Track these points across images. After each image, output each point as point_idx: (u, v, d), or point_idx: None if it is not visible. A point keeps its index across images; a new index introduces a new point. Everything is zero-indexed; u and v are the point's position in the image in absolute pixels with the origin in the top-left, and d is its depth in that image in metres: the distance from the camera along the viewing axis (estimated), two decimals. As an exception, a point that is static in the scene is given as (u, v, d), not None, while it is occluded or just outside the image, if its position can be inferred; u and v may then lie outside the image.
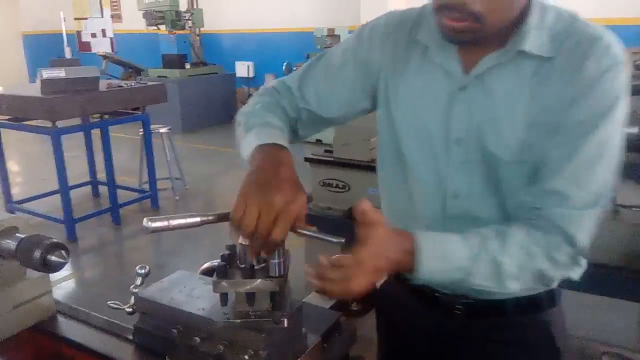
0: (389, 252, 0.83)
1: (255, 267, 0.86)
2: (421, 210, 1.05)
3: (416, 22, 1.04)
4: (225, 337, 0.86)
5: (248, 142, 0.96)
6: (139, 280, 1.04)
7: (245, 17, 10.10)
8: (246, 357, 0.83)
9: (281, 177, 0.85)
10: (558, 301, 1.08)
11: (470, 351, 1.07)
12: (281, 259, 0.85)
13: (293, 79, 1.13)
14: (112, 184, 4.57)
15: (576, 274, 0.92)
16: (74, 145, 5.57)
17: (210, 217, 0.83)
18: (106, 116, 4.80)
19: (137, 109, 4.79)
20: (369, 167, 2.60)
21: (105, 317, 1.24)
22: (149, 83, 4.97)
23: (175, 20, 8.35)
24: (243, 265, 0.86)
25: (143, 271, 1.04)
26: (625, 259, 2.16)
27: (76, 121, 4.82)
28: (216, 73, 9.13)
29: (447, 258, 0.85)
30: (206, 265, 1.34)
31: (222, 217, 0.83)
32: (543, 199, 0.89)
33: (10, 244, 1.04)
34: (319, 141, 7.55)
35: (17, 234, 1.07)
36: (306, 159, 2.91)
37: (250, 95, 7.01)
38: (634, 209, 2.24)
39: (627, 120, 0.91)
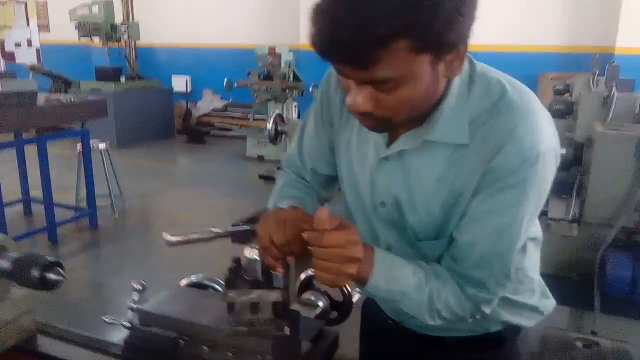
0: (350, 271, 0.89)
1: (260, 279, 0.94)
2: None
3: None
4: (232, 344, 0.93)
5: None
6: (135, 296, 1.08)
7: (181, 31, 10.04)
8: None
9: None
10: (509, 342, 1.13)
11: None
12: (284, 272, 0.94)
13: (294, 152, 1.22)
14: (49, 201, 4.40)
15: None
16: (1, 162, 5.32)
17: (222, 232, 0.90)
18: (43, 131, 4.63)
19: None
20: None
21: (88, 334, 1.26)
22: (90, 97, 4.85)
23: (111, 32, 8.16)
24: (249, 278, 0.94)
25: (139, 287, 1.09)
26: (556, 267, 2.40)
27: (6, 137, 4.62)
28: (153, 87, 8.97)
29: (395, 281, 0.94)
30: (184, 281, 1.40)
31: (234, 233, 0.90)
32: (452, 252, 0.97)
33: (3, 263, 1.05)
34: (260, 157, 7.64)
35: (9, 254, 1.08)
36: (260, 176, 2.98)
37: (188, 109, 7.03)
38: (562, 221, 2.50)
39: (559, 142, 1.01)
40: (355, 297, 1.36)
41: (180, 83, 9.88)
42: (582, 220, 2.34)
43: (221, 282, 1.33)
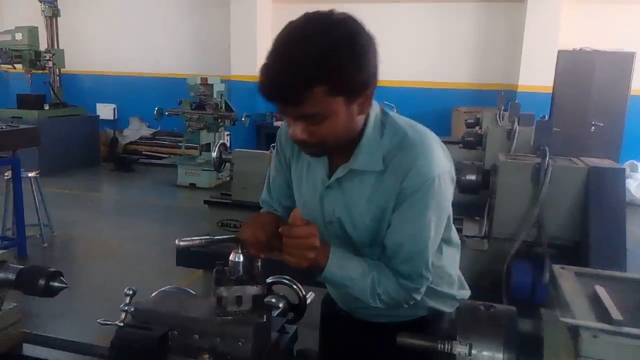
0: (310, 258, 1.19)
1: (242, 278, 1.17)
2: None
3: None
4: (219, 332, 1.14)
5: None
6: (127, 299, 1.26)
7: (107, 59, 9.98)
8: (239, 344, 1.12)
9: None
10: (434, 324, 1.41)
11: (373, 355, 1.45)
12: (261, 271, 1.17)
13: (265, 193, 1.54)
14: (-24, 231, 4.28)
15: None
16: None
17: (220, 239, 1.14)
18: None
19: None
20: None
21: (72, 340, 1.41)
22: (22, 126, 4.79)
23: (35, 59, 7.98)
24: (233, 277, 1.17)
25: (131, 292, 1.27)
26: (470, 278, 2.76)
27: None
28: (78, 115, 8.81)
29: (346, 269, 1.24)
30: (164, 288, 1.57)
31: (230, 240, 1.14)
32: (385, 251, 1.27)
33: (9, 275, 1.20)
34: (192, 185, 7.70)
35: (11, 265, 1.22)
36: (205, 202, 3.15)
37: (115, 137, 7.01)
38: (474, 238, 2.88)
39: (467, 170, 1.37)
40: (309, 300, 1.60)
41: (106, 111, 9.77)
42: (491, 236, 2.73)
43: (191, 291, 1.53)
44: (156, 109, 7.83)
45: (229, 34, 8.84)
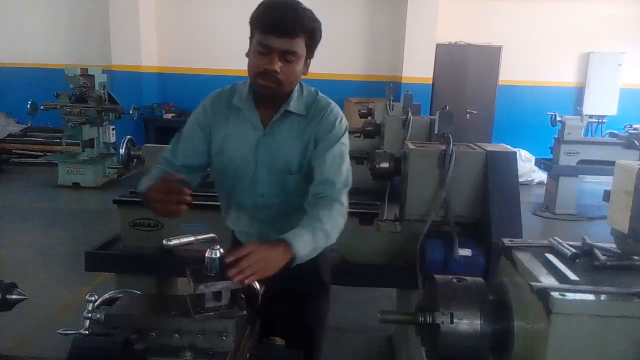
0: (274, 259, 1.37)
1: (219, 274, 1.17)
2: (245, 204, 1.79)
3: (231, 94, 1.77)
4: (200, 329, 1.15)
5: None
6: (90, 306, 1.21)
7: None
8: (223, 337, 1.14)
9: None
10: (322, 254, 1.68)
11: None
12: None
13: (169, 154, 1.81)
14: None
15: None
16: None
17: (202, 238, 1.14)
18: None
19: None
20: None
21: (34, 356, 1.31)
22: None
23: None
24: (211, 273, 1.17)
25: (93, 298, 1.22)
26: (386, 258, 2.95)
27: None
28: None
29: (305, 243, 1.47)
30: (107, 295, 1.51)
31: (208, 239, 1.14)
32: (320, 188, 1.64)
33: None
34: (76, 184, 7.16)
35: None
36: (114, 201, 2.99)
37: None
38: (387, 221, 3.07)
39: (380, 158, 1.63)
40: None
41: (-35, 106, 8.72)
42: (404, 218, 2.92)
43: (135, 291, 1.49)
44: (29, 102, 7.14)
45: (108, 19, 8.30)
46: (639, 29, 8.60)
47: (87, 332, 1.19)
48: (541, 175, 7.74)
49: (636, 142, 5.92)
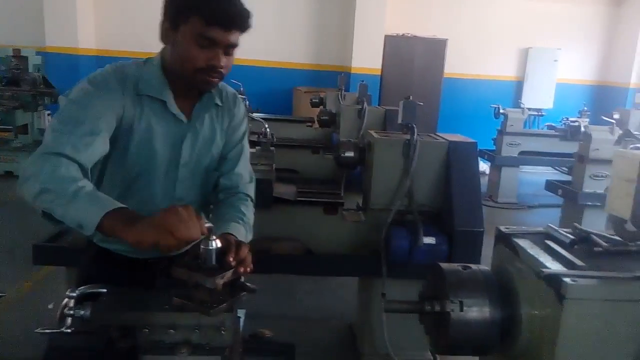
0: None
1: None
2: (151, 208, 1.33)
3: (132, 79, 1.45)
4: (196, 324, 1.08)
5: (86, 210, 1.15)
6: (71, 303, 1.11)
7: None
8: (222, 331, 1.08)
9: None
10: None
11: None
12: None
13: (67, 148, 1.27)
14: None
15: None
16: None
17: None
18: None
19: None
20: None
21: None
22: None
23: None
24: (207, 266, 1.11)
25: (74, 294, 1.12)
26: (350, 247, 2.95)
27: None
28: None
29: (244, 239, 1.43)
30: (82, 288, 1.40)
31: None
32: (234, 181, 1.62)
33: None
34: (8, 173, 6.71)
35: None
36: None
37: None
38: (352, 211, 3.07)
39: (345, 147, 1.63)
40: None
41: None
42: (368, 207, 2.93)
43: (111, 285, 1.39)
44: (-44, 88, 6.59)
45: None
46: (574, 26, 9.06)
47: (69, 330, 1.10)
48: (483, 166, 8.03)
49: (575, 134, 6.22)
